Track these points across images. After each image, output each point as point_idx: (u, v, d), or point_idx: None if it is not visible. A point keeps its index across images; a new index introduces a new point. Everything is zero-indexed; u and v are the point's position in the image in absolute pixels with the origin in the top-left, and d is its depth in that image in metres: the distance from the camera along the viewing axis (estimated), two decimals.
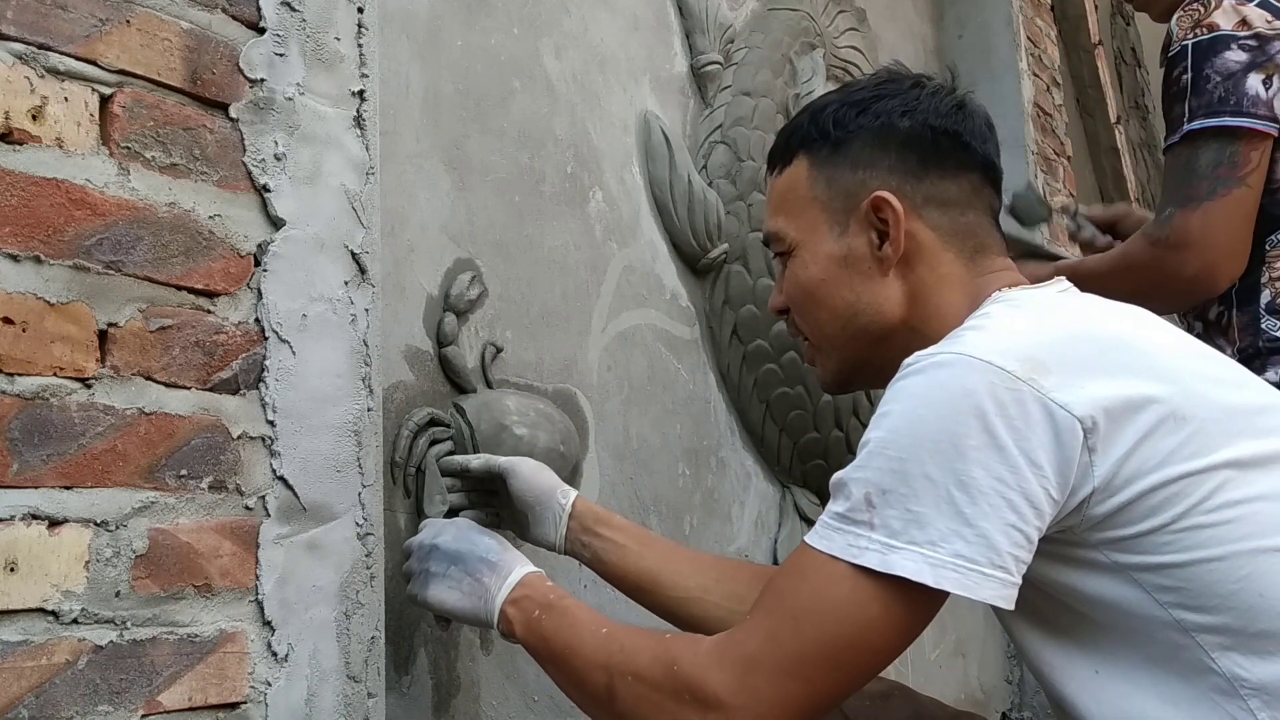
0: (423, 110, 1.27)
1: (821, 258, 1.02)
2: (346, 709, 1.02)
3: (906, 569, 0.79)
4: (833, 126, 1.03)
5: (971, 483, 0.79)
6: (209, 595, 0.92)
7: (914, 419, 0.82)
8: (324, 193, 1.04)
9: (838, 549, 0.82)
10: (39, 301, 0.84)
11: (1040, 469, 0.79)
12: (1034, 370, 0.81)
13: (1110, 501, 0.81)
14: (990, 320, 0.90)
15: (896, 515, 0.80)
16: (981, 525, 0.79)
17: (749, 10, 1.84)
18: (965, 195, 1.01)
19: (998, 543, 0.79)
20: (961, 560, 0.79)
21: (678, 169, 1.61)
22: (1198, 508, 0.80)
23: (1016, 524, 0.79)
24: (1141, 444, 0.81)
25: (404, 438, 1.18)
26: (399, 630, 1.14)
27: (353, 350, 1.06)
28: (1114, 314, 0.93)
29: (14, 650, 0.80)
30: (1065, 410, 0.80)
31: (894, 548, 0.80)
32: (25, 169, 0.84)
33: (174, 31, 0.95)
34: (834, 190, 1.02)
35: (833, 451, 1.79)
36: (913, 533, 0.80)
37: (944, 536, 0.79)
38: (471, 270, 1.30)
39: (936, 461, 0.80)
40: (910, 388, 0.84)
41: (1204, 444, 0.82)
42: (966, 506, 0.79)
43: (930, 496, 0.80)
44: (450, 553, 1.06)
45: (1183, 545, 0.80)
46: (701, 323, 1.66)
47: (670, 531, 1.53)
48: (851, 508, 0.83)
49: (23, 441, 0.82)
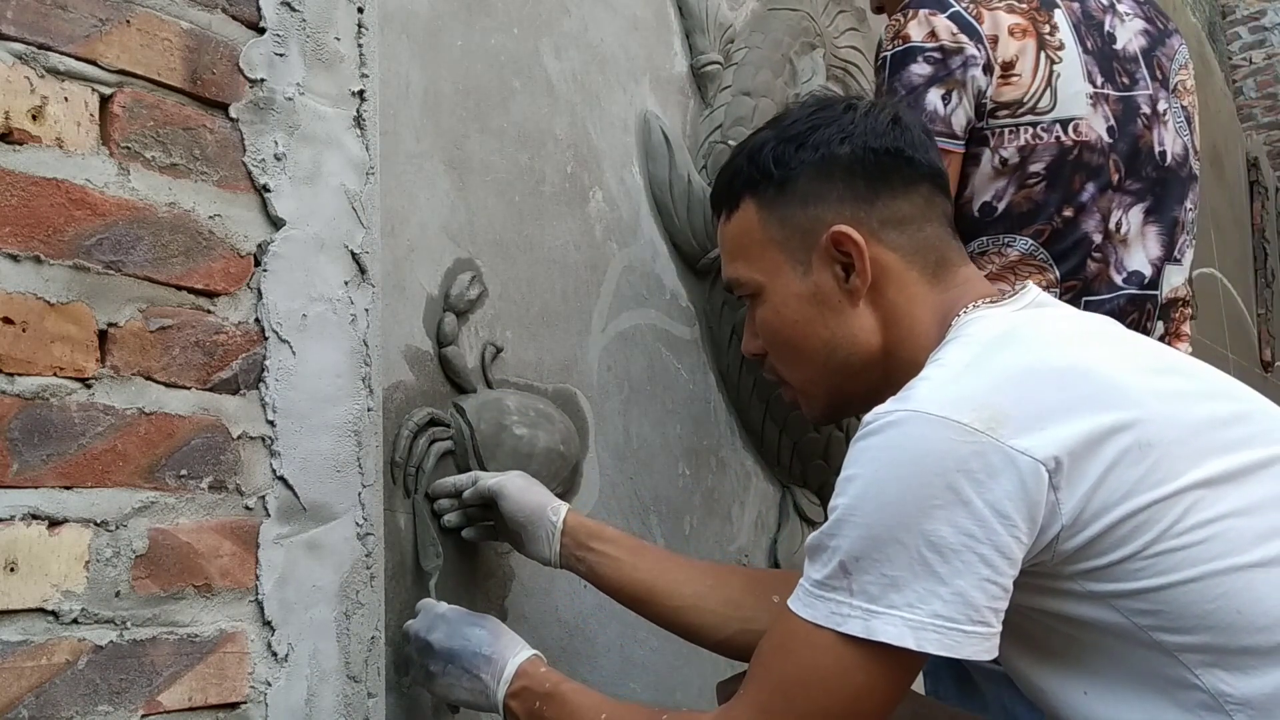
0: (423, 110, 1.27)
1: (791, 299, 1.02)
2: (346, 709, 1.02)
3: (888, 634, 0.80)
4: (774, 166, 1.02)
5: (941, 542, 0.79)
6: (209, 595, 0.92)
7: (877, 483, 0.82)
8: (324, 193, 1.04)
9: (821, 617, 0.83)
10: (39, 301, 0.84)
11: (1008, 519, 0.79)
12: (991, 419, 0.81)
13: (1079, 537, 0.81)
14: (943, 366, 0.88)
15: (873, 580, 0.81)
16: (957, 583, 0.79)
17: (749, 10, 1.84)
18: (919, 210, 1.00)
19: (974, 599, 0.80)
20: (940, 620, 0.79)
21: (678, 169, 1.60)
22: (1168, 532, 0.80)
23: (991, 578, 0.80)
24: (1107, 477, 0.80)
25: (404, 438, 1.18)
26: (399, 630, 1.15)
27: (353, 350, 1.06)
28: (1071, 340, 0.91)
29: (14, 650, 0.80)
30: (1027, 456, 0.79)
31: (874, 613, 0.81)
32: (25, 169, 0.84)
33: (174, 31, 0.95)
34: (788, 230, 1.01)
35: (833, 451, 1.79)
36: (891, 596, 0.80)
37: (921, 598, 0.80)
38: (471, 270, 1.30)
39: (904, 524, 0.80)
40: (870, 450, 0.84)
41: (1170, 469, 0.81)
42: (939, 566, 0.79)
43: (903, 559, 0.80)
44: (444, 651, 1.06)
45: (1156, 570, 0.80)
46: (701, 323, 1.66)
47: (670, 531, 1.53)
48: (829, 575, 0.83)
49: (23, 441, 0.82)
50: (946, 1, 1.26)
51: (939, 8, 1.25)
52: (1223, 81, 5.08)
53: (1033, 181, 1.24)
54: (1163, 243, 1.31)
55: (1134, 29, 1.35)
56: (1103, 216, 1.26)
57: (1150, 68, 1.34)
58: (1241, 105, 6.07)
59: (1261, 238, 4.95)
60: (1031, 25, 1.25)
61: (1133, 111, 1.29)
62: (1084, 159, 1.25)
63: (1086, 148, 1.25)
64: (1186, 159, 1.35)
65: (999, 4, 1.26)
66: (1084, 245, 1.26)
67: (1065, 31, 1.27)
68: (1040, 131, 1.24)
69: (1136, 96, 1.30)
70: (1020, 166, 1.23)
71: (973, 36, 1.23)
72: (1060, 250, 1.26)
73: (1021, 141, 1.23)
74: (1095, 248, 1.26)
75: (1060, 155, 1.24)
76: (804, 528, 1.75)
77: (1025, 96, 1.24)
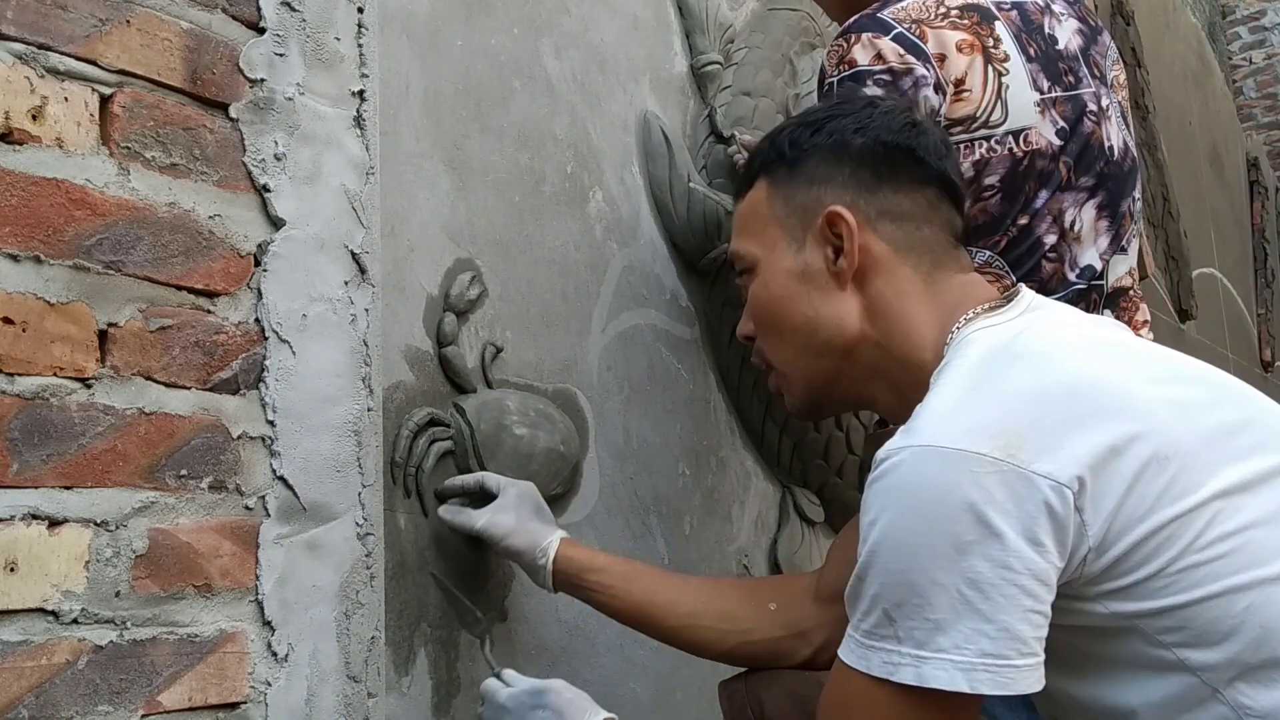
0: (423, 110, 1.28)
1: (780, 274, 1.02)
2: (346, 709, 1.02)
3: (940, 680, 0.78)
4: (788, 147, 1.04)
5: (980, 578, 0.77)
6: (209, 595, 0.92)
7: (904, 527, 0.80)
8: (324, 193, 1.04)
9: (875, 668, 0.81)
10: (39, 301, 0.84)
11: (1041, 545, 0.78)
12: (1009, 445, 0.79)
13: (1105, 557, 0.80)
14: (948, 391, 0.87)
15: (917, 626, 0.79)
16: (1001, 619, 0.77)
17: (749, 10, 1.84)
18: (921, 210, 1.00)
19: (1021, 632, 0.78)
20: (990, 659, 0.78)
21: (678, 169, 1.60)
22: (1191, 546, 0.79)
23: (1033, 608, 0.78)
24: (1130, 493, 0.79)
25: (404, 438, 1.18)
26: (399, 630, 1.15)
27: (353, 350, 1.06)
28: (1076, 350, 0.90)
29: (14, 650, 0.80)
30: (1050, 479, 0.78)
31: (924, 659, 0.79)
32: (25, 169, 0.84)
33: (174, 31, 0.95)
34: (791, 207, 1.03)
35: (833, 451, 1.79)
36: (938, 640, 0.78)
37: (968, 638, 0.78)
38: (471, 270, 1.30)
39: (939, 566, 0.78)
40: (889, 492, 0.82)
41: (1189, 481, 0.80)
42: (981, 603, 0.77)
43: (944, 601, 0.78)
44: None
45: (1181, 586, 0.79)
46: (701, 323, 1.66)
47: (670, 531, 1.53)
48: (875, 624, 0.81)
49: (23, 441, 0.82)
50: (888, 23, 1.24)
51: (881, 30, 1.24)
52: (1223, 81, 5.08)
53: (988, 194, 1.24)
54: (1111, 235, 1.32)
55: (1070, 28, 1.35)
56: (1054, 218, 1.27)
57: (1089, 66, 1.34)
58: (1241, 105, 6.07)
59: (1261, 238, 4.95)
60: (976, 39, 1.24)
61: (1081, 109, 1.29)
62: (1035, 166, 1.25)
63: (1038, 155, 1.25)
64: (1128, 151, 1.36)
65: (941, 22, 1.25)
66: (1038, 249, 1.26)
67: (1008, 42, 1.26)
68: (994, 145, 1.24)
69: (1083, 94, 1.31)
70: (975, 180, 1.23)
71: (920, 57, 1.22)
72: (1015, 256, 1.26)
73: (976, 156, 1.23)
74: (1050, 249, 1.27)
75: (1013, 166, 1.24)
76: (804, 528, 1.75)
77: (977, 111, 1.23)
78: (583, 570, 1.16)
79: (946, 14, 1.25)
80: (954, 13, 1.26)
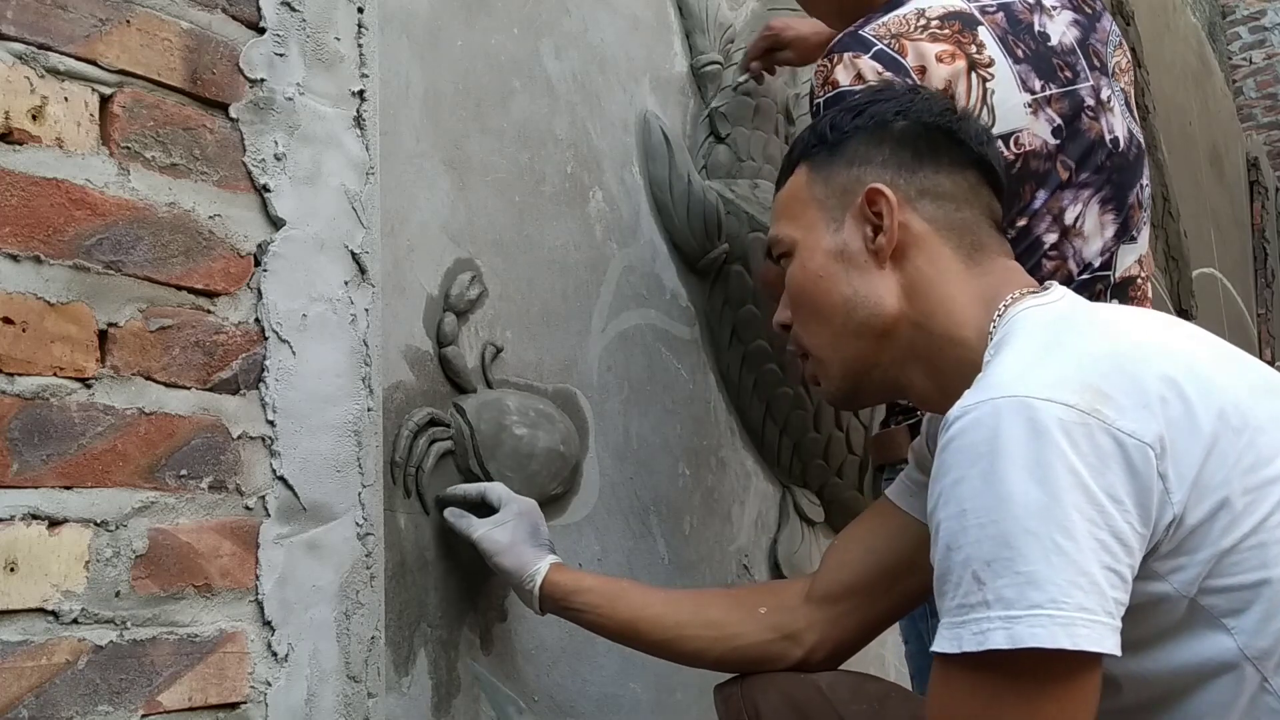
0: (423, 110, 1.28)
1: (818, 254, 1.01)
2: (346, 709, 1.02)
3: (1037, 637, 0.72)
4: (829, 131, 1.04)
5: (1072, 527, 0.73)
6: (209, 595, 0.92)
7: (994, 476, 0.75)
8: (324, 193, 1.04)
9: (966, 642, 0.75)
10: (39, 301, 0.84)
11: (1122, 504, 0.75)
12: (1096, 400, 0.76)
13: (1186, 524, 0.77)
14: (1021, 352, 0.84)
15: (1008, 583, 0.74)
16: (1091, 571, 0.73)
17: (749, 10, 1.84)
18: (961, 191, 1.00)
19: (1104, 587, 0.74)
20: (1086, 614, 0.73)
21: (678, 169, 1.60)
22: (1265, 524, 0.77)
23: (1112, 565, 0.74)
24: (1209, 457, 0.77)
25: (404, 438, 1.18)
26: (399, 630, 1.15)
27: (353, 350, 1.06)
28: (1141, 321, 0.90)
29: (14, 650, 0.80)
30: (1134, 439, 0.75)
31: (1016, 617, 0.73)
32: (25, 169, 0.84)
33: (174, 31, 0.95)
34: (830, 188, 1.02)
35: (833, 451, 1.79)
36: (1030, 595, 0.73)
37: (1064, 591, 0.73)
38: (471, 270, 1.30)
39: (1033, 513, 0.74)
40: (972, 446, 0.77)
41: (1260, 454, 0.78)
42: (1076, 554, 0.73)
43: (1037, 551, 0.73)
44: None
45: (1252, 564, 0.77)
46: (701, 323, 1.66)
47: (670, 531, 1.53)
48: (964, 594, 0.76)
49: (23, 441, 0.82)
50: (869, 41, 1.24)
51: (862, 49, 1.24)
52: (1223, 81, 5.08)
53: None
54: (1119, 225, 1.31)
55: (1064, 20, 1.34)
56: (1054, 217, 1.27)
57: (1088, 57, 1.33)
58: (1241, 105, 6.07)
59: (1261, 238, 4.95)
60: (958, 48, 1.24)
61: (1078, 105, 1.29)
62: (1030, 167, 1.24)
63: (1032, 156, 1.24)
64: (1133, 139, 1.35)
65: (920, 35, 1.24)
66: (1037, 248, 1.26)
67: (992, 47, 1.26)
68: None
69: (1080, 90, 1.30)
70: None
71: (899, 72, 1.22)
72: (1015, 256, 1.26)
73: None
74: (1050, 248, 1.27)
75: (1005, 169, 1.24)
76: (804, 528, 1.75)
77: None
78: (569, 594, 1.16)
79: (926, 25, 1.25)
80: (934, 24, 1.25)
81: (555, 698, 1.33)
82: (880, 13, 1.28)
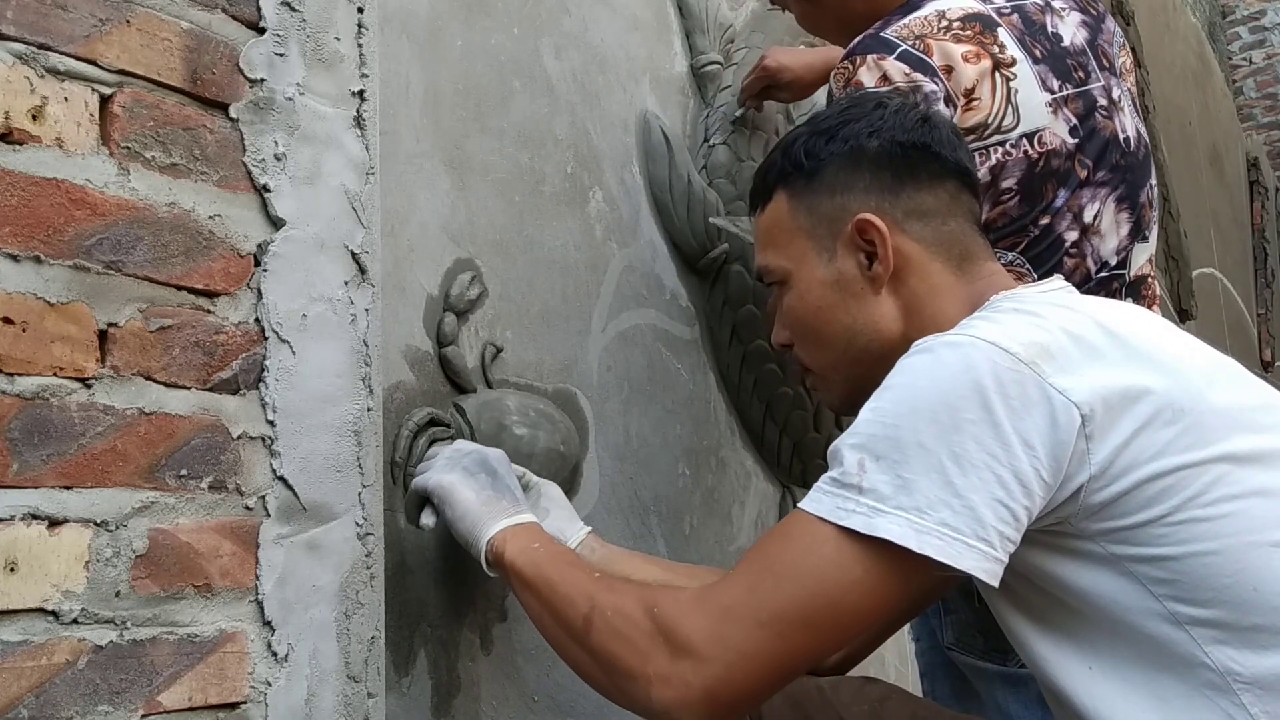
0: (423, 110, 1.27)
1: (815, 285, 1.04)
2: (346, 709, 1.02)
3: (891, 532, 0.81)
4: (805, 157, 1.05)
5: (964, 455, 0.81)
6: (209, 595, 0.92)
7: (914, 390, 0.84)
8: (324, 193, 1.04)
9: (826, 511, 0.84)
10: (39, 301, 0.84)
11: (1033, 449, 0.81)
12: (1038, 355, 0.83)
13: (1107, 490, 0.82)
14: (999, 314, 0.91)
15: (886, 481, 0.82)
16: (970, 497, 0.80)
17: (749, 10, 1.84)
18: (943, 204, 1.03)
19: (984, 516, 0.80)
20: (946, 529, 0.80)
21: (678, 169, 1.61)
22: (1194, 501, 0.81)
23: (1004, 500, 0.81)
24: (1139, 434, 0.82)
25: (404, 438, 1.18)
26: (399, 630, 1.15)
27: (353, 350, 1.06)
28: (1119, 309, 0.94)
29: (14, 650, 0.80)
30: (1064, 396, 0.81)
31: (881, 511, 0.82)
32: (25, 169, 0.84)
33: (174, 31, 0.95)
34: (816, 218, 1.04)
35: None
36: (900, 498, 0.81)
37: (931, 504, 0.81)
38: (471, 270, 1.30)
39: (932, 431, 0.82)
40: (916, 364, 0.86)
41: (1200, 437, 0.83)
42: (957, 478, 0.81)
43: (921, 464, 0.81)
44: (490, 465, 1.10)
45: (1179, 538, 0.81)
46: (701, 323, 1.66)
47: (670, 531, 1.53)
48: (844, 472, 0.85)
49: (23, 441, 0.82)
50: (892, 42, 1.24)
51: (886, 50, 1.23)
52: (1223, 81, 5.09)
53: (1007, 197, 1.24)
54: (1132, 224, 1.32)
55: (1074, 22, 1.35)
56: (1074, 215, 1.27)
57: (1097, 57, 1.34)
58: (1241, 105, 6.07)
59: (1261, 238, 4.95)
60: (982, 49, 1.24)
61: (1091, 104, 1.29)
62: (1051, 166, 1.25)
63: (1053, 155, 1.25)
64: (1141, 138, 1.36)
65: (944, 35, 1.25)
66: (1059, 246, 1.27)
67: (1012, 47, 1.26)
68: (1009, 149, 1.24)
69: (1093, 89, 1.31)
70: (993, 185, 1.23)
71: (927, 72, 1.22)
72: (1037, 254, 1.27)
73: (993, 161, 1.23)
74: (1071, 245, 1.28)
75: (1029, 168, 1.24)
76: None
77: (989, 119, 1.23)
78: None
79: (949, 27, 1.26)
80: (956, 25, 1.26)
81: (556, 698, 1.33)
82: (898, 15, 1.28)
